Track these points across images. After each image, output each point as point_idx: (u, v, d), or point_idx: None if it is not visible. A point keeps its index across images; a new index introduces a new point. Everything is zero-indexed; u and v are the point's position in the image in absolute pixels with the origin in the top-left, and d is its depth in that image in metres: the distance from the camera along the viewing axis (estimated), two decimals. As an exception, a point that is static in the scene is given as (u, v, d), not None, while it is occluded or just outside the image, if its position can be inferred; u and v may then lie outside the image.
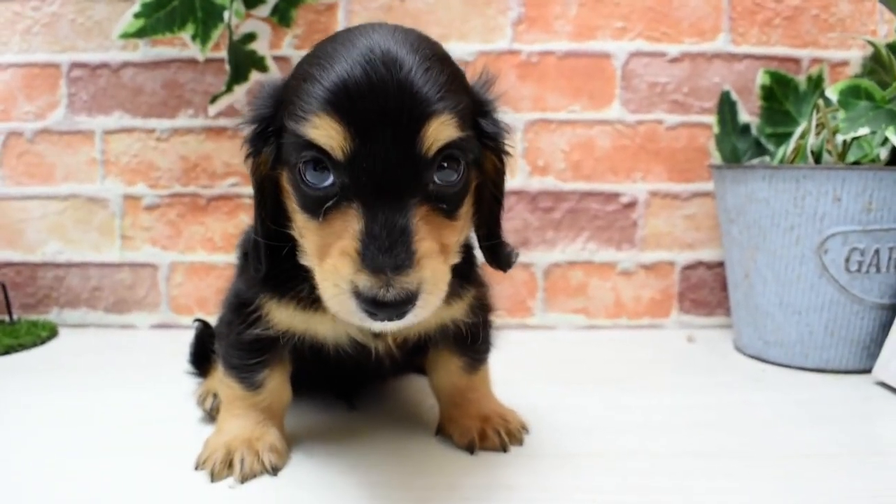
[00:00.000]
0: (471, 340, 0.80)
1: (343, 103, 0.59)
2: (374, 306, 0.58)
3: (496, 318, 0.85)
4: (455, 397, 0.84)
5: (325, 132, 0.60)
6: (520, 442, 0.81)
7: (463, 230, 0.69)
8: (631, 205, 1.34)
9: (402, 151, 0.59)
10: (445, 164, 0.63)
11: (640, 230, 1.35)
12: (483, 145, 0.69)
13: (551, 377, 1.06)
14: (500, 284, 1.35)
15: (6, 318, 1.33)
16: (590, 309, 1.37)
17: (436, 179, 0.62)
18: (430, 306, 0.61)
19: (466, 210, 0.68)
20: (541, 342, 1.27)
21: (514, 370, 1.09)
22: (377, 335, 0.74)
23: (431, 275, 0.60)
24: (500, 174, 0.72)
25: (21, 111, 1.37)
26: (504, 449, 0.79)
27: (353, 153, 0.59)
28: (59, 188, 1.37)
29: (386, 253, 0.58)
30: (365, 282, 0.57)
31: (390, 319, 0.59)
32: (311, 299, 0.70)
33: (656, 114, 1.34)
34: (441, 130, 0.60)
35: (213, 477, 0.71)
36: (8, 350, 1.19)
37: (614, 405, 0.94)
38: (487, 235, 0.75)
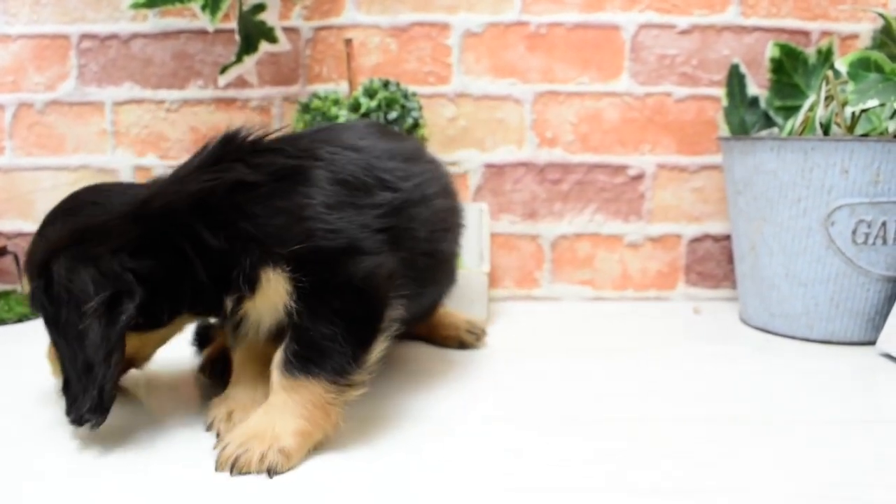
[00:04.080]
0: (292, 333, 0.71)
1: None
2: None
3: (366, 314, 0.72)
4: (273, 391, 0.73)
5: None
6: None
7: None
8: (638, 177, 1.35)
9: None
10: None
11: (647, 202, 1.35)
12: None
13: (559, 347, 1.07)
14: (508, 256, 1.36)
15: (18, 287, 1.34)
16: (596, 281, 1.37)
17: None
18: None
19: None
20: (548, 313, 1.28)
21: (522, 340, 1.11)
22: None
23: None
24: None
25: (31, 82, 1.38)
26: None
27: None
28: (70, 159, 1.38)
29: None
30: None
31: None
32: None
33: (665, 86, 1.33)
34: None
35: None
36: (21, 318, 1.21)
37: (621, 374, 0.95)
38: None
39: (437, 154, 1.03)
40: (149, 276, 0.71)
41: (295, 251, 0.69)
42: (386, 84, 1.15)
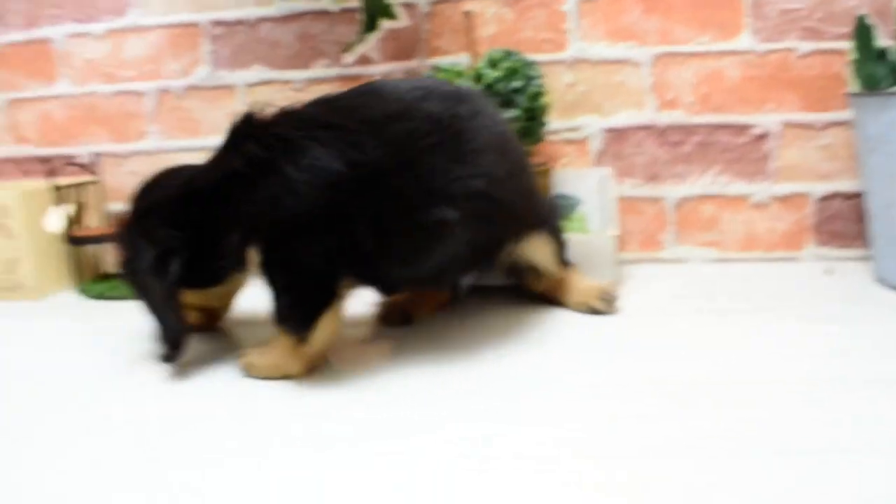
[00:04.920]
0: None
1: None
2: None
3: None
4: None
5: None
6: None
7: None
8: (763, 136, 1.32)
9: None
10: None
11: (772, 162, 1.33)
12: None
13: (686, 309, 1.08)
14: (631, 219, 1.36)
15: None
16: (722, 242, 1.36)
17: None
18: None
19: None
20: (673, 276, 1.28)
21: (649, 302, 1.12)
22: None
23: None
24: None
25: (169, 69, 1.47)
26: None
27: None
28: (207, 140, 1.46)
29: None
30: None
31: None
32: None
33: (788, 42, 1.30)
34: None
35: None
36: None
37: (751, 335, 0.95)
38: None
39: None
40: (188, 243, 0.89)
41: (264, 234, 0.85)
42: (508, 54, 1.17)
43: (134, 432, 0.74)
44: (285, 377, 0.87)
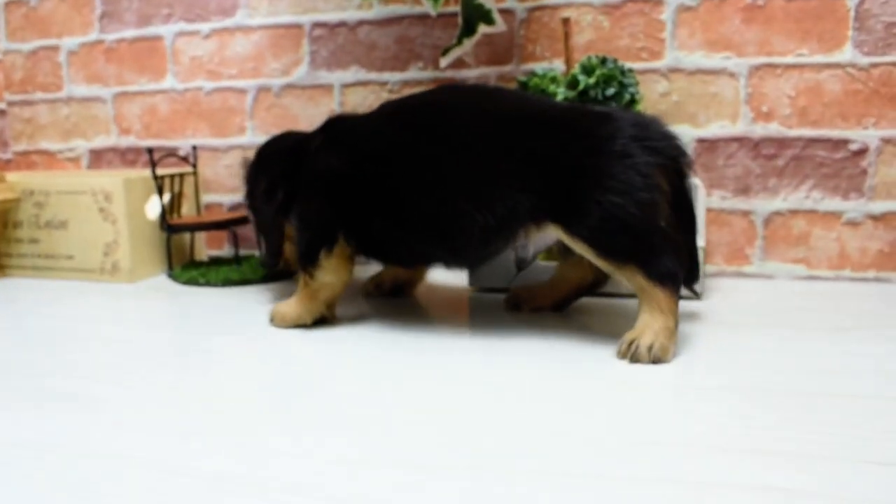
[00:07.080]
0: None
1: None
2: None
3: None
4: None
5: None
6: None
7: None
8: (861, 152, 1.30)
9: None
10: None
11: (869, 179, 1.30)
12: None
13: (773, 323, 1.06)
14: (718, 232, 1.35)
15: (256, 252, 1.49)
16: (811, 259, 1.34)
17: None
18: None
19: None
20: (760, 290, 1.26)
21: (736, 315, 1.10)
22: None
23: None
24: None
25: (269, 68, 1.52)
26: None
27: None
28: (302, 138, 1.51)
29: None
30: None
31: None
32: None
33: (893, 56, 1.27)
34: None
35: None
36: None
37: (843, 351, 0.93)
38: None
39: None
40: (288, 183, 1.10)
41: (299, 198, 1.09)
42: (603, 61, 1.17)
43: (202, 403, 0.78)
44: (299, 325, 1.07)
